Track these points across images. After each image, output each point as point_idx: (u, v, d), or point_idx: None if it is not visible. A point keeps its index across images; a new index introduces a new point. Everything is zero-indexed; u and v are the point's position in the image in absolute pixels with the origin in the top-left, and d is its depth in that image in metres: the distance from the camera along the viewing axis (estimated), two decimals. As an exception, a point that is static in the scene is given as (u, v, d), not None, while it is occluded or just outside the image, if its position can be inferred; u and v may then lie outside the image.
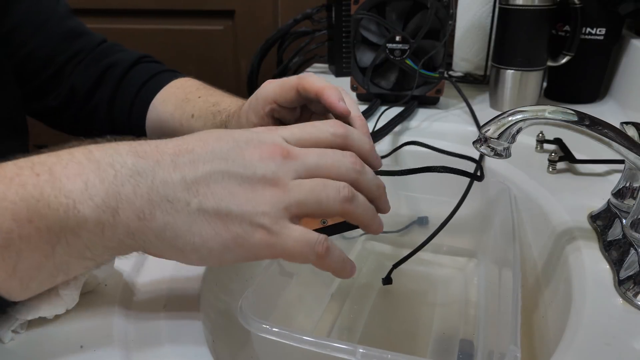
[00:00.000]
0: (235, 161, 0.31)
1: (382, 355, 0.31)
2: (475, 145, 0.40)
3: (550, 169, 0.56)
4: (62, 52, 0.63)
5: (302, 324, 0.51)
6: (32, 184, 0.28)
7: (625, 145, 0.37)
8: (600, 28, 0.74)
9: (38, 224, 0.28)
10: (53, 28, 0.62)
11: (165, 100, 0.63)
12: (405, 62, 0.74)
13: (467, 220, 0.59)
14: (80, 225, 0.29)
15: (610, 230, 0.43)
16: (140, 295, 0.39)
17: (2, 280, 0.29)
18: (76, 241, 0.29)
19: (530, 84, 0.75)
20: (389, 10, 0.73)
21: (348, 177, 0.34)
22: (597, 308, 0.36)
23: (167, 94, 0.63)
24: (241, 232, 0.31)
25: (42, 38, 0.62)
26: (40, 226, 0.28)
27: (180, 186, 0.30)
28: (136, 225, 0.30)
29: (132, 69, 0.66)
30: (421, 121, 0.74)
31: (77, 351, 0.33)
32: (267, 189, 0.31)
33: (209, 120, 0.56)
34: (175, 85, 0.64)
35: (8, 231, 0.28)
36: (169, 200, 0.30)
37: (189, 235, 0.31)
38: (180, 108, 0.60)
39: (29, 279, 0.30)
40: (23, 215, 0.28)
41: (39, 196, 0.28)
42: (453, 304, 0.55)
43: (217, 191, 0.31)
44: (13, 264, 0.29)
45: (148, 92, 0.64)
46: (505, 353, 0.30)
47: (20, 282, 0.30)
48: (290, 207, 0.31)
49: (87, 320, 0.36)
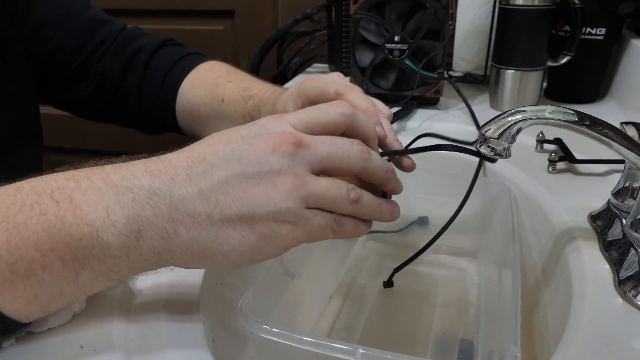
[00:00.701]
0: (249, 161, 0.31)
1: (381, 355, 0.31)
2: (475, 145, 0.40)
3: (550, 169, 0.56)
4: (88, 42, 0.64)
5: (302, 324, 0.51)
6: (53, 213, 0.28)
7: (625, 145, 0.37)
8: (600, 28, 0.74)
9: (61, 253, 0.28)
10: (75, 20, 0.63)
11: (194, 85, 0.63)
12: (404, 62, 0.74)
13: (467, 220, 0.59)
14: (105, 252, 0.29)
15: (610, 230, 0.43)
16: (140, 296, 0.39)
17: (22, 306, 0.29)
18: (101, 266, 0.30)
19: (530, 84, 0.75)
20: (388, 10, 0.73)
21: (357, 166, 0.34)
22: (597, 308, 0.36)
23: (196, 78, 0.64)
24: (268, 231, 0.31)
25: (66, 31, 0.62)
26: (63, 255, 0.28)
27: (200, 199, 0.30)
28: (161, 244, 0.30)
29: (157, 53, 0.66)
30: (421, 122, 0.74)
31: (77, 351, 0.33)
32: (286, 183, 0.31)
33: (240, 105, 0.56)
34: (203, 69, 0.64)
35: (30, 261, 0.28)
36: (190, 215, 0.30)
37: (217, 244, 0.31)
38: (211, 93, 0.60)
39: (49, 303, 0.30)
40: (46, 246, 0.28)
41: (61, 225, 0.28)
42: (453, 304, 0.55)
43: (236, 196, 0.30)
44: (35, 292, 0.29)
45: (175, 76, 0.64)
46: (505, 353, 0.30)
47: (41, 307, 0.30)
48: (309, 199, 0.32)
49: (87, 320, 0.36)
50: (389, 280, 0.51)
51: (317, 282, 0.55)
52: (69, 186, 0.29)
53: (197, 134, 0.65)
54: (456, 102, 0.81)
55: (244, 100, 0.56)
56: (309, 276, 0.51)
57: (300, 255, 0.49)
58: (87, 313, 0.36)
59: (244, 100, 0.56)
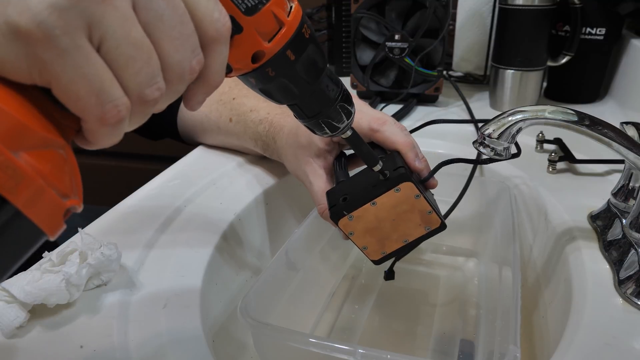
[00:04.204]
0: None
1: (381, 355, 0.31)
2: (475, 145, 0.40)
3: (550, 169, 0.56)
4: None
5: (302, 324, 0.51)
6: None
7: (625, 145, 0.37)
8: (600, 28, 0.74)
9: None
10: None
11: None
12: (404, 61, 0.74)
13: (467, 220, 0.60)
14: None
15: (610, 230, 0.43)
16: (140, 295, 0.39)
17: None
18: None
19: (530, 84, 0.75)
20: (388, 9, 0.74)
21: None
22: (597, 308, 0.36)
23: None
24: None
25: None
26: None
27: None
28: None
29: None
30: (420, 119, 0.74)
31: (77, 351, 0.33)
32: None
33: (250, 128, 0.56)
34: None
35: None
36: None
37: None
38: (216, 110, 0.59)
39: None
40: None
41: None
42: (453, 304, 0.55)
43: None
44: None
45: None
46: (505, 353, 0.31)
47: None
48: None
49: (87, 320, 0.36)
50: (390, 271, 0.50)
51: (317, 282, 0.55)
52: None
53: (199, 143, 0.65)
54: (456, 101, 0.81)
55: (254, 123, 0.55)
56: (309, 276, 0.51)
57: (301, 256, 0.49)
58: (87, 312, 0.36)
59: (253, 123, 0.55)
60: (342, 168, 0.45)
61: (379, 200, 0.39)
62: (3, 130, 0.19)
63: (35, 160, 0.20)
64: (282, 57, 0.27)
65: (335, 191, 0.42)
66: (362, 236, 0.42)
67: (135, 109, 0.22)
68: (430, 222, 0.42)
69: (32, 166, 0.20)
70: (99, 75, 0.20)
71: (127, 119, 0.22)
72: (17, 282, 0.35)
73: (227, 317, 0.45)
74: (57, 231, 0.21)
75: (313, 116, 0.32)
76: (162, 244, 0.45)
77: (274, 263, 0.42)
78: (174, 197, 0.52)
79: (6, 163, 0.18)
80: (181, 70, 0.23)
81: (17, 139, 0.19)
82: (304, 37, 0.28)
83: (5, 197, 0.19)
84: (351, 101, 0.33)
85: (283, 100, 0.30)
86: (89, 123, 0.21)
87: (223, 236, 0.47)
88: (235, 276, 0.49)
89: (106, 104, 0.21)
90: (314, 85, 0.30)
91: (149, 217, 0.48)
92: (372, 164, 0.38)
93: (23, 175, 0.19)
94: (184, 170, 0.58)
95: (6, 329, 0.34)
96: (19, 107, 0.20)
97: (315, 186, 0.45)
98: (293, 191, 0.57)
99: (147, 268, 0.42)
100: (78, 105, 0.21)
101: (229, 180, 0.56)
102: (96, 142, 0.23)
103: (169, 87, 0.23)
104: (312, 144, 0.46)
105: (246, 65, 0.27)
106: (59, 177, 0.21)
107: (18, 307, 0.34)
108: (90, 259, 0.37)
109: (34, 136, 0.20)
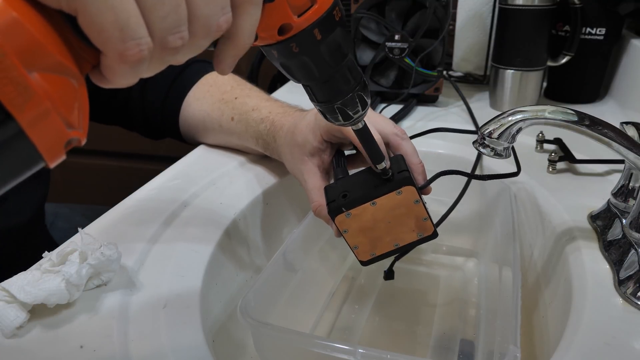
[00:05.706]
0: None
1: (381, 355, 0.31)
2: (475, 145, 0.40)
3: (550, 169, 0.56)
4: None
5: (302, 324, 0.51)
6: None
7: (625, 145, 0.37)
8: (600, 28, 0.74)
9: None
10: None
11: (200, 99, 0.62)
12: (404, 61, 0.74)
13: (467, 220, 0.60)
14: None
15: (610, 230, 0.43)
16: (140, 295, 0.39)
17: None
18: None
19: (530, 84, 0.75)
20: (388, 9, 0.74)
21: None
22: (597, 308, 0.36)
23: (201, 91, 0.63)
24: None
25: None
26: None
27: None
28: None
29: None
30: (420, 120, 0.74)
31: (77, 351, 0.33)
32: None
33: (251, 126, 0.56)
34: (208, 82, 0.64)
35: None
36: None
37: None
38: (218, 110, 0.59)
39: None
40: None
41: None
42: (453, 304, 0.55)
43: None
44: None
45: (181, 87, 0.64)
46: (505, 353, 0.31)
47: None
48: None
49: (87, 320, 0.36)
50: (390, 270, 0.50)
51: (317, 282, 0.55)
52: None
53: (200, 142, 0.65)
54: (456, 101, 0.81)
55: (255, 122, 0.56)
56: (308, 276, 0.51)
57: (300, 256, 0.49)
58: (87, 312, 0.36)
59: (255, 122, 0.56)
60: (340, 166, 0.45)
61: (379, 201, 0.39)
62: (20, 45, 0.18)
63: (47, 83, 0.19)
64: (308, 35, 0.27)
65: (334, 187, 0.42)
66: (356, 235, 0.41)
67: (155, 54, 0.22)
68: (424, 229, 0.42)
69: (43, 88, 0.19)
70: (127, 10, 0.20)
71: (146, 61, 0.22)
72: (17, 282, 0.35)
73: (227, 317, 0.45)
74: (55, 159, 0.21)
75: (327, 101, 0.31)
76: (162, 244, 0.45)
77: (274, 263, 0.42)
78: (174, 197, 0.52)
79: (18, 79, 0.18)
80: (207, 25, 0.23)
81: (32, 57, 0.19)
82: (333, 19, 0.28)
83: (12, 112, 0.18)
84: (368, 92, 0.33)
85: (302, 80, 0.30)
86: (108, 58, 0.21)
87: (223, 236, 0.47)
88: (235, 276, 0.49)
89: (129, 40, 0.21)
90: (335, 69, 0.30)
91: (149, 217, 0.48)
92: (377, 161, 0.38)
93: (32, 94, 0.19)
94: (184, 170, 0.58)
95: (6, 329, 0.34)
96: (41, 28, 0.19)
97: (310, 183, 0.45)
98: (293, 191, 0.58)
99: (147, 268, 0.42)
100: (101, 37, 0.20)
101: (229, 180, 0.56)
102: (112, 79, 0.22)
103: (192, 40, 0.23)
104: (307, 142, 0.46)
105: (272, 36, 0.27)
106: (67, 105, 0.20)
107: (18, 307, 0.34)
108: (90, 259, 0.37)
109: (50, 58, 0.19)
